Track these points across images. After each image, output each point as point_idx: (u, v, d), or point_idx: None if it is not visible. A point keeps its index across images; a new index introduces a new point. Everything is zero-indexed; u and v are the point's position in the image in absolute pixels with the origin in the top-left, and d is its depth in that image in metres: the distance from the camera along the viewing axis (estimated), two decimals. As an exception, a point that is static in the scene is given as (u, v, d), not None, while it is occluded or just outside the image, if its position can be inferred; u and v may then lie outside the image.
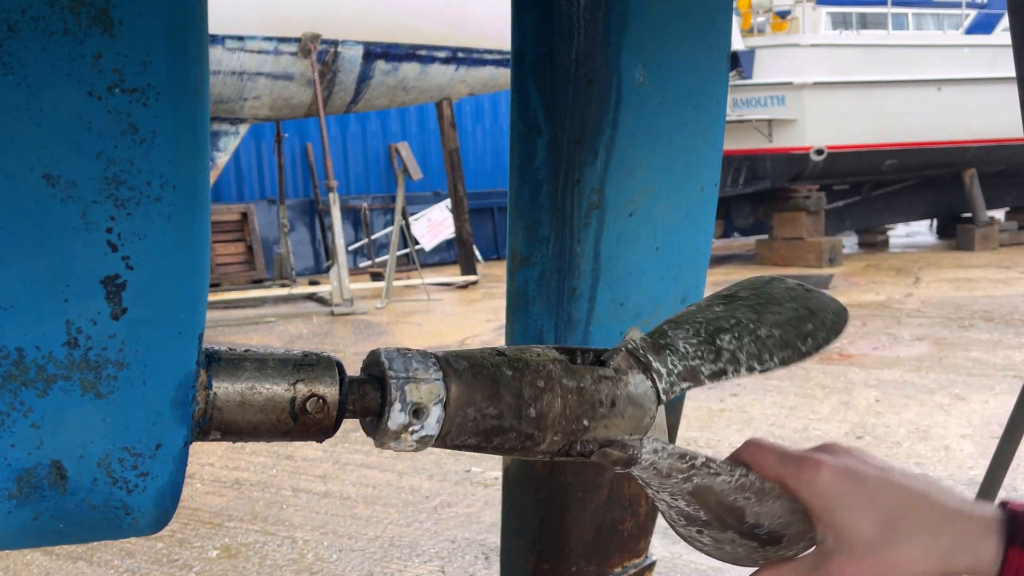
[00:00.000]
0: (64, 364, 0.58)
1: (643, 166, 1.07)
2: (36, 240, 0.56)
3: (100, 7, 0.54)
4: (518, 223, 1.06)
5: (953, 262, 11.65)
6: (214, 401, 0.64)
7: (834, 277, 10.63)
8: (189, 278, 0.61)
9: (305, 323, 8.99)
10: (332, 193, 9.40)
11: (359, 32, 9.33)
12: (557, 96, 1.02)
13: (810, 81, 11.74)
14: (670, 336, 0.77)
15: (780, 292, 0.83)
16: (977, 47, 12.49)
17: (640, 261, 1.11)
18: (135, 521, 0.64)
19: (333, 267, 9.51)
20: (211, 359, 0.65)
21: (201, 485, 4.19)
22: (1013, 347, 6.38)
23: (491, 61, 10.24)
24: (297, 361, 0.67)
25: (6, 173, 0.54)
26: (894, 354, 6.35)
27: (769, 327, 0.78)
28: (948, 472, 3.94)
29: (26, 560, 3.38)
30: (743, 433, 4.64)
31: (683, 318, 0.80)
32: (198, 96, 0.59)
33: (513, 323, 1.10)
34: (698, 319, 0.79)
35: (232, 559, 3.33)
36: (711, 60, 1.09)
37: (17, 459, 0.59)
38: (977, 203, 13.02)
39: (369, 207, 14.23)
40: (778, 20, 12.57)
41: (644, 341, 0.76)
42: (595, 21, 1.00)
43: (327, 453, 4.57)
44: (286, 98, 9.39)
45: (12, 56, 0.53)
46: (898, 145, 12.20)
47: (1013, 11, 1.35)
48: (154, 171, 0.58)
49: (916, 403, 5.08)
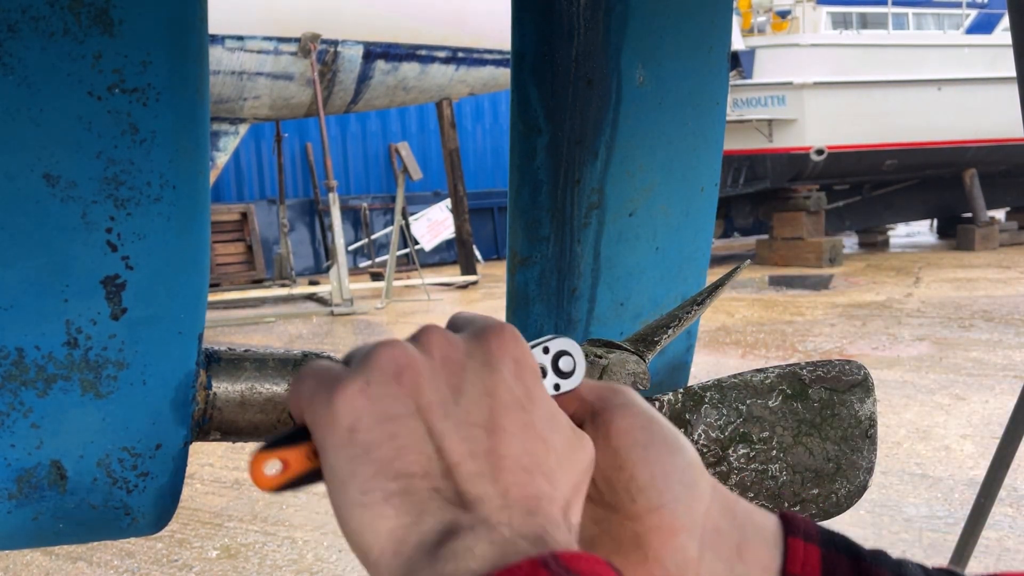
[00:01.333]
0: (64, 364, 0.58)
1: (643, 166, 1.07)
2: (36, 240, 0.56)
3: (100, 7, 0.54)
4: (518, 223, 1.06)
5: (953, 262, 11.65)
6: (214, 401, 0.64)
7: (834, 277, 10.63)
8: (189, 278, 0.61)
9: (305, 323, 8.99)
10: (332, 193, 9.40)
11: (359, 32, 9.34)
12: (557, 96, 1.02)
13: (810, 81, 11.74)
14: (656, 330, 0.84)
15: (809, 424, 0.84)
16: (977, 47, 12.49)
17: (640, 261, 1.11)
18: (135, 521, 0.64)
19: (333, 267, 9.52)
20: (211, 359, 0.65)
21: (201, 485, 4.19)
22: (1013, 347, 6.38)
23: (491, 61, 10.24)
24: (297, 361, 0.67)
25: (6, 173, 0.54)
26: (894, 354, 6.35)
27: None
28: (948, 472, 3.94)
29: (26, 560, 3.38)
30: (743, 433, 4.64)
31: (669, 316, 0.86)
32: (198, 96, 0.59)
33: (513, 323, 1.10)
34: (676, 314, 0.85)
35: (232, 559, 3.33)
36: (711, 60, 1.09)
37: (17, 459, 0.59)
38: (977, 203, 13.02)
39: (369, 207, 14.23)
40: (778, 20, 12.57)
41: (636, 335, 0.83)
42: (595, 21, 1.00)
43: (327, 453, 4.57)
44: (286, 98, 9.39)
45: (12, 56, 0.53)
46: (898, 145, 12.21)
47: (1013, 11, 1.35)
48: (154, 171, 0.58)
49: (916, 403, 5.08)
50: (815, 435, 0.79)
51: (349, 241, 13.68)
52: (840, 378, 0.79)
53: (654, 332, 0.83)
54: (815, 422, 0.79)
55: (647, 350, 0.80)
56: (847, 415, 0.79)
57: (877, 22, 12.82)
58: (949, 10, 13.30)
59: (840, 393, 0.79)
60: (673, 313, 0.84)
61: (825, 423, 0.79)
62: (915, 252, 13.36)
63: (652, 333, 0.83)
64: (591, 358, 0.77)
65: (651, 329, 0.84)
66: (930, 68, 12.25)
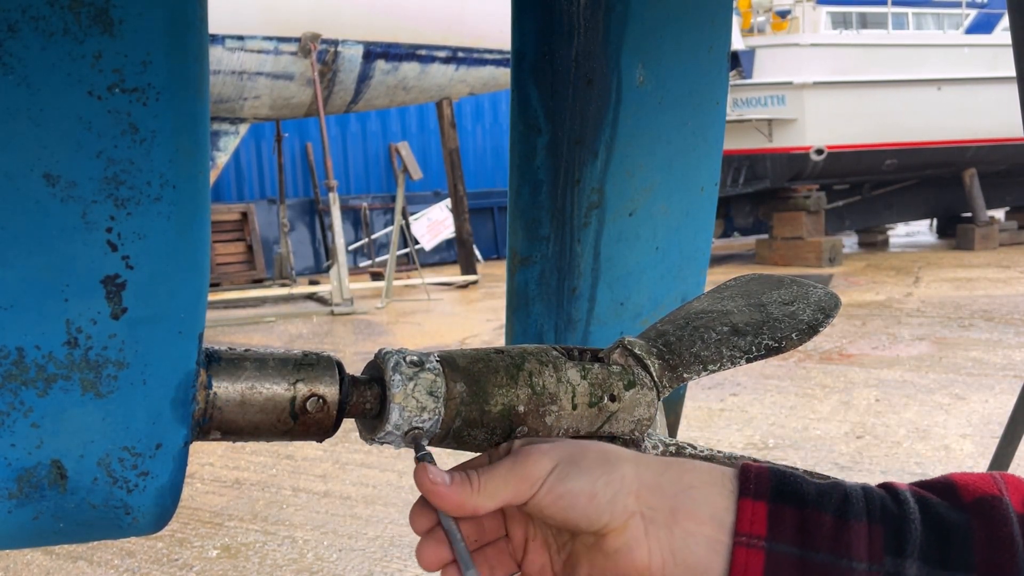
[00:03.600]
0: (64, 364, 0.58)
1: (643, 166, 1.07)
2: (36, 240, 0.56)
3: (100, 7, 0.54)
4: (518, 223, 1.06)
5: (953, 262, 11.65)
6: (214, 401, 0.64)
7: (834, 277, 10.63)
8: (189, 278, 0.61)
9: (305, 323, 8.99)
10: (332, 193, 9.40)
11: (359, 32, 9.34)
12: (557, 96, 1.02)
13: (810, 81, 11.74)
14: (662, 332, 0.78)
15: (768, 284, 0.84)
16: (977, 47, 12.49)
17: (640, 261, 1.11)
18: (135, 521, 0.64)
19: (333, 267, 9.51)
20: (211, 359, 0.65)
21: (201, 485, 4.19)
22: (1013, 347, 6.38)
23: (491, 61, 10.24)
24: (297, 361, 0.67)
25: (6, 173, 0.54)
26: (894, 354, 6.35)
27: (757, 316, 0.78)
28: (948, 471, 3.94)
29: (26, 560, 3.38)
30: (743, 433, 4.65)
31: (675, 316, 0.81)
32: (198, 96, 0.59)
33: (513, 323, 1.10)
34: (688, 315, 0.80)
35: (232, 559, 3.33)
36: (711, 60, 1.09)
37: (17, 459, 0.59)
38: (977, 203, 13.02)
39: (369, 207, 14.23)
40: (778, 20, 12.57)
41: (638, 338, 0.77)
42: (595, 21, 1.00)
43: (327, 453, 4.57)
44: (286, 98, 9.39)
45: (12, 56, 0.53)
46: (898, 145, 12.21)
47: (1013, 11, 1.35)
48: (154, 171, 0.58)
49: (916, 403, 5.09)
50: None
51: (349, 241, 13.68)
52: None
53: (688, 363, 0.75)
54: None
55: (672, 383, 0.74)
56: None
57: (877, 22, 12.82)
58: (949, 10, 13.29)
59: None
60: (720, 350, 0.76)
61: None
62: (915, 252, 13.36)
63: (684, 362, 0.75)
64: (604, 401, 0.72)
65: (686, 356, 0.75)
66: (930, 68, 12.25)
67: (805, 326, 0.77)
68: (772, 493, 0.59)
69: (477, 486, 0.62)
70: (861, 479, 0.95)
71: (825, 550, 0.56)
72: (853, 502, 0.58)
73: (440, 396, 0.67)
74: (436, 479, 0.63)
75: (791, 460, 4.10)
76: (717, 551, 0.58)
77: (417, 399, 0.67)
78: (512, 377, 0.70)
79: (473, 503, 0.62)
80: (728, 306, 0.80)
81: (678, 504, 0.59)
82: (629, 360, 0.74)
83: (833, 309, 0.80)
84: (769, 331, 0.77)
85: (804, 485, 0.59)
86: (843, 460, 4.14)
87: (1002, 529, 0.55)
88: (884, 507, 0.58)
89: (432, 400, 0.67)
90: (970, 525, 0.56)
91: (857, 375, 5.78)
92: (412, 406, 0.67)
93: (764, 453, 4.28)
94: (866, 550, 0.56)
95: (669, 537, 0.59)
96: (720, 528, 0.58)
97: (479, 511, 0.62)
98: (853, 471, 3.95)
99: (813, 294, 0.82)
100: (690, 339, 0.76)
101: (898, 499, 0.58)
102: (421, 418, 0.67)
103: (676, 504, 0.59)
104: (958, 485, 0.59)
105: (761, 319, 0.78)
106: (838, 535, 0.57)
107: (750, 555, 0.57)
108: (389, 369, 0.67)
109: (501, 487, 0.62)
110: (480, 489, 0.62)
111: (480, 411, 0.69)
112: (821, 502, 0.58)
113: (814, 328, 0.77)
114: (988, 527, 0.56)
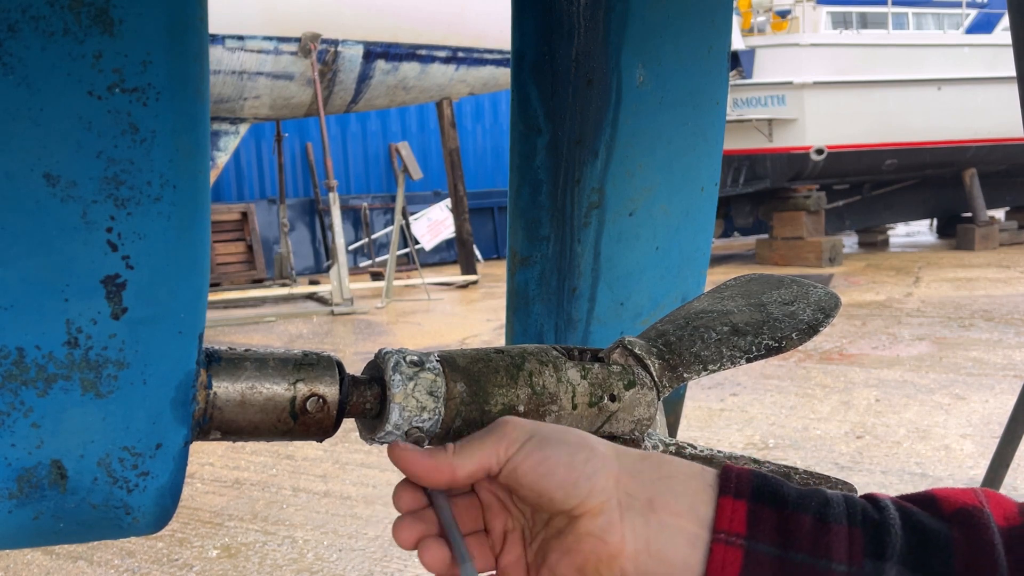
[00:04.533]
0: (64, 364, 0.58)
1: (643, 166, 1.07)
2: (36, 240, 0.56)
3: (100, 7, 0.54)
4: (518, 223, 1.06)
5: (953, 262, 11.65)
6: (214, 401, 0.64)
7: (834, 277, 10.63)
8: (189, 278, 0.61)
9: (305, 323, 8.99)
10: (332, 193, 9.40)
11: (359, 32, 9.34)
12: (557, 96, 1.02)
13: (810, 81, 11.73)
14: (662, 332, 0.78)
15: (768, 284, 0.84)
16: (977, 47, 12.49)
17: (640, 261, 1.11)
18: (135, 521, 0.64)
19: (333, 267, 9.51)
20: (211, 359, 0.65)
21: (201, 485, 4.19)
22: (1013, 347, 6.38)
23: (491, 61, 10.24)
24: (297, 361, 0.67)
25: (6, 173, 0.54)
26: (894, 354, 6.35)
27: (757, 316, 0.79)
28: (948, 472, 3.94)
29: (26, 560, 3.38)
30: (743, 433, 4.65)
31: (675, 316, 0.81)
32: (198, 96, 0.59)
33: (513, 323, 1.10)
34: (688, 315, 0.80)
35: (232, 558, 3.33)
36: (711, 60, 1.09)
37: (17, 459, 0.59)
38: (977, 203, 13.02)
39: (369, 207, 14.23)
40: (778, 20, 12.56)
41: (639, 338, 0.77)
42: (595, 21, 1.00)
43: (327, 453, 4.57)
44: (286, 98, 9.39)
45: (12, 56, 0.53)
46: (898, 145, 12.20)
47: (1013, 11, 1.35)
48: (154, 171, 0.58)
49: (916, 403, 5.09)
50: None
51: (349, 241, 13.68)
52: None
53: (688, 363, 0.75)
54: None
55: (672, 382, 0.75)
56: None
57: (877, 22, 12.81)
58: (949, 10, 13.29)
59: None
60: (721, 350, 0.76)
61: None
62: (915, 252, 13.36)
63: (684, 362, 0.75)
64: (604, 400, 0.73)
65: (686, 356, 0.75)
66: (930, 68, 12.25)
67: (805, 326, 0.77)
68: (752, 493, 0.59)
69: (452, 450, 0.62)
70: (861, 479, 0.94)
71: (804, 551, 0.57)
72: (834, 506, 0.58)
73: (440, 396, 0.67)
74: (408, 446, 0.63)
75: (791, 460, 4.10)
76: (695, 545, 0.58)
77: (417, 399, 0.67)
78: (512, 377, 0.70)
79: (450, 464, 0.62)
80: (728, 306, 0.81)
81: (656, 494, 0.59)
82: (629, 360, 0.74)
83: (833, 309, 0.80)
84: (769, 331, 0.77)
85: (784, 488, 0.60)
86: (843, 460, 4.14)
87: (983, 537, 0.56)
88: (865, 512, 0.58)
89: (432, 400, 0.67)
90: (951, 533, 0.56)
91: (857, 375, 5.78)
92: (412, 406, 0.67)
93: (764, 453, 4.28)
94: (846, 552, 0.56)
95: (645, 526, 0.58)
96: (699, 523, 0.58)
97: (456, 473, 0.62)
98: (853, 471, 3.95)
99: (813, 294, 0.82)
100: (690, 339, 0.76)
101: (879, 506, 0.59)
102: (421, 418, 0.67)
103: (654, 494, 0.59)
104: (939, 498, 0.59)
105: (761, 319, 0.78)
106: (818, 537, 0.57)
107: (728, 552, 0.57)
108: (389, 369, 0.67)
109: (477, 448, 0.62)
110: (456, 452, 0.62)
111: (480, 411, 0.69)
112: (801, 504, 0.58)
113: (814, 328, 0.77)
114: (969, 536, 0.56)
